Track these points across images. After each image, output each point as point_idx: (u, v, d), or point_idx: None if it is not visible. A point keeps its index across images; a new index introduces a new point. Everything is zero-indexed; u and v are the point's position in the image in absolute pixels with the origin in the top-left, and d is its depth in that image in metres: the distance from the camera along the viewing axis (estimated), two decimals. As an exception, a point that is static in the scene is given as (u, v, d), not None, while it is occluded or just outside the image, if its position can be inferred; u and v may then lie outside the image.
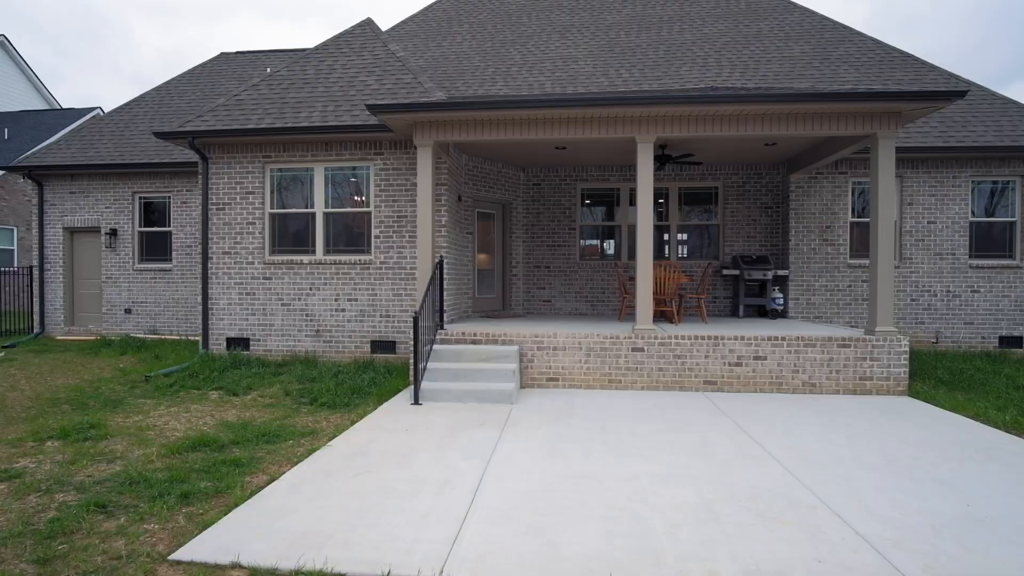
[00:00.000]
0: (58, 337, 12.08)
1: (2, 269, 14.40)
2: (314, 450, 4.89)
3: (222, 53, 15.06)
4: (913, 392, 7.19)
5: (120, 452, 4.83)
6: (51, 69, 73.12)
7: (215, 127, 8.87)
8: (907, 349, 7.17)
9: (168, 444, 5.02)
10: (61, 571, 2.92)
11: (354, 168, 9.05)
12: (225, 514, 3.58)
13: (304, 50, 14.84)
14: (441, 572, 2.90)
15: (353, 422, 5.80)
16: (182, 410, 6.31)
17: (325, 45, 10.39)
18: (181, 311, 11.71)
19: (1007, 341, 10.08)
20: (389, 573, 2.89)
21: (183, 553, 3.10)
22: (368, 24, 10.92)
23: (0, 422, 5.84)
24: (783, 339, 7.30)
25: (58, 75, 75.54)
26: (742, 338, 7.34)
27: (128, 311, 11.85)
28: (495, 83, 11.79)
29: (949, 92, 6.78)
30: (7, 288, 14.66)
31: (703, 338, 7.38)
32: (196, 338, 11.33)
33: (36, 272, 12.22)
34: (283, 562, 2.99)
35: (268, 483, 4.13)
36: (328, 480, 4.19)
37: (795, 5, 13.57)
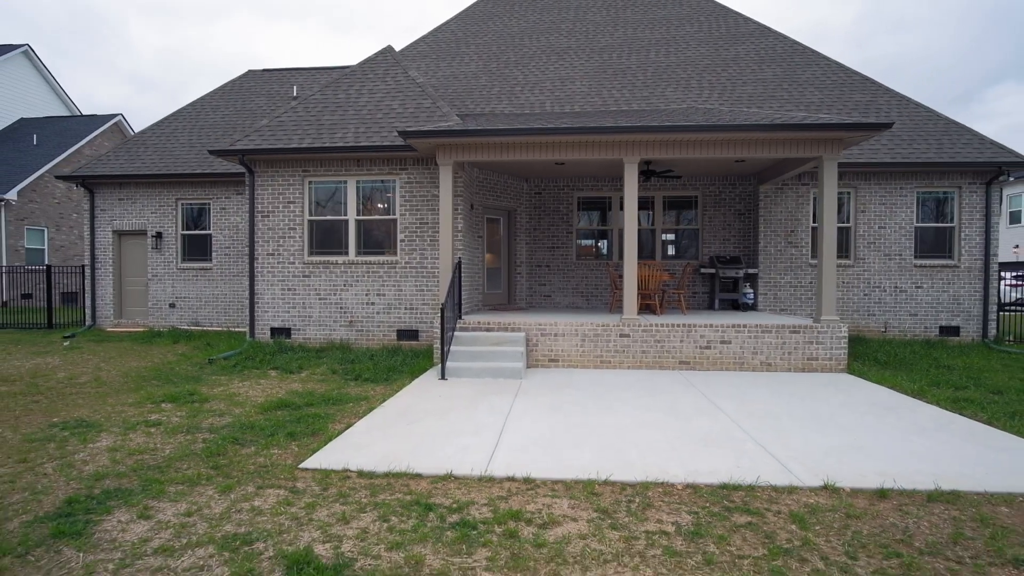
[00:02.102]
0: (108, 329, 13.46)
1: (56, 268, 15.70)
2: (371, 409, 6.34)
3: (249, 71, 16.43)
4: (851, 370, 8.70)
5: (223, 410, 6.27)
6: (50, 69, 73.77)
7: (261, 146, 10.28)
8: (846, 335, 8.67)
9: (257, 405, 6.47)
10: (232, 472, 4.37)
11: (382, 181, 10.49)
12: (324, 444, 5.04)
13: (324, 68, 16.26)
14: (485, 470, 4.37)
15: (395, 392, 7.25)
16: (253, 383, 7.74)
17: (352, 71, 11.80)
18: (220, 305, 13.12)
19: (946, 330, 11.61)
20: (451, 472, 4.35)
21: (307, 464, 4.55)
22: (388, 51, 12.33)
23: (111, 392, 7.26)
24: (745, 327, 8.80)
25: (56, 75, 76.19)
26: (711, 326, 8.83)
27: (172, 305, 13.25)
28: (500, 101, 13.23)
29: (878, 124, 8.27)
30: (60, 285, 15.91)
31: (679, 326, 8.86)
32: (237, 329, 12.76)
33: (88, 270, 13.59)
34: (377, 468, 4.45)
35: (345, 428, 5.58)
36: (389, 427, 5.65)
37: (770, 30, 15.05)
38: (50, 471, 4.38)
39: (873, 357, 9.61)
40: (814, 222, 11.80)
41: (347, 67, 16.67)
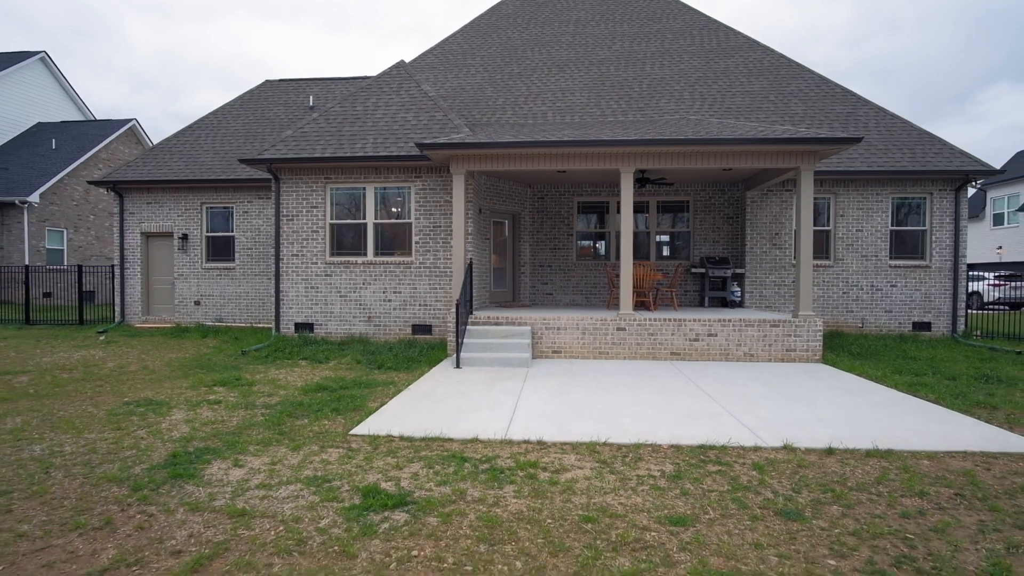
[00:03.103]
0: (136, 325, 14.33)
1: (88, 268, 16.53)
2: (399, 391, 7.24)
3: (267, 81, 17.31)
4: (826, 360, 9.62)
5: (270, 392, 7.17)
6: (62, 72, 74.35)
7: (287, 155, 11.17)
8: (821, 328, 9.60)
9: (298, 388, 7.37)
10: (295, 437, 5.26)
11: (399, 188, 11.39)
12: (366, 417, 5.94)
13: (338, 79, 17.16)
14: (504, 435, 5.28)
15: (417, 378, 8.15)
16: (288, 371, 8.64)
17: (368, 85, 12.70)
18: (243, 303, 14.00)
19: (918, 326, 12.56)
20: (476, 436, 5.26)
21: (356, 431, 5.45)
22: (401, 66, 13.23)
23: (163, 378, 8.14)
24: (730, 321, 9.72)
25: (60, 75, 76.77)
26: (700, 321, 9.75)
27: (197, 303, 14.12)
28: (505, 112, 14.14)
29: (848, 139, 9.20)
30: (89, 283, 16.66)
31: (670, 321, 9.78)
32: (259, 325, 13.64)
33: (117, 270, 14.45)
34: (415, 434, 5.36)
35: (380, 406, 6.47)
36: (418, 405, 6.55)
37: (758, 44, 15.98)
38: (144, 436, 5.27)
39: (848, 350, 10.54)
40: (797, 225, 12.71)
41: (357, 78, 17.58)
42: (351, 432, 5.41)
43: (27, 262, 20.50)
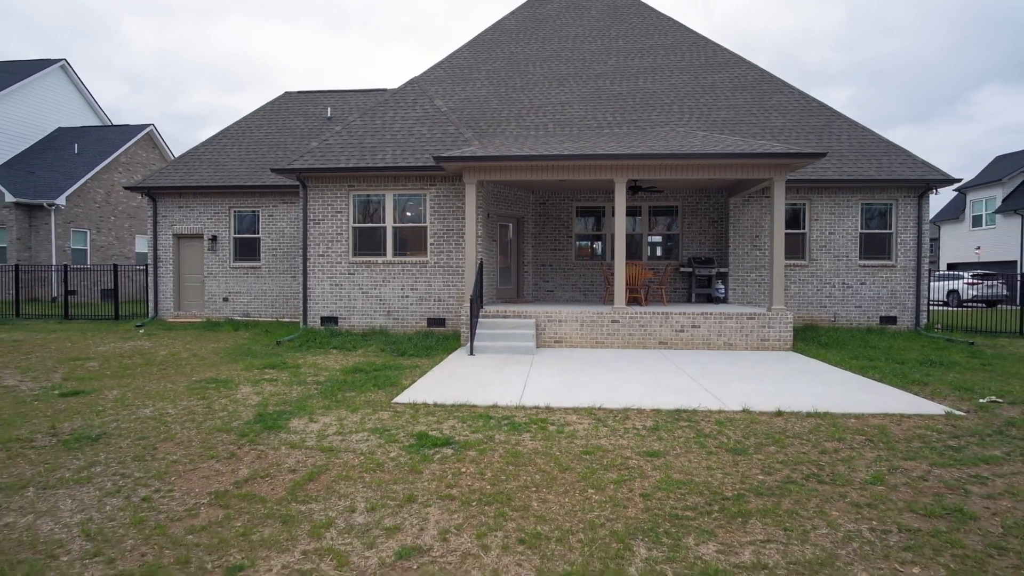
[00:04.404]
0: (168, 319, 15.51)
1: (122, 267, 17.69)
2: (424, 373, 8.47)
3: (286, 93, 18.51)
4: (796, 349, 10.89)
5: (315, 373, 8.39)
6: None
7: (314, 165, 12.39)
8: (791, 321, 10.87)
9: (338, 370, 8.60)
10: (349, 404, 6.49)
11: (415, 195, 12.62)
12: (402, 391, 7.17)
13: (353, 91, 18.37)
14: (519, 401, 6.52)
15: (437, 362, 9.37)
16: (324, 357, 9.86)
17: (386, 100, 13.92)
18: (268, 299, 15.21)
19: (885, 319, 13.85)
20: (496, 403, 6.50)
21: (398, 400, 6.68)
22: (415, 82, 14.45)
23: (216, 363, 9.36)
24: (711, 314, 10.98)
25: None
26: (685, 314, 11.01)
27: (226, 299, 15.32)
28: (509, 123, 15.37)
29: (814, 154, 10.47)
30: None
31: (659, 314, 11.04)
32: (284, 320, 14.86)
33: (151, 268, 15.64)
34: (446, 402, 6.59)
35: (412, 383, 7.70)
36: (443, 382, 7.79)
37: (743, 60, 17.25)
38: (227, 403, 6.50)
39: (817, 340, 11.82)
40: (771, 229, 13.98)
41: (370, 90, 18.80)
42: (394, 400, 6.64)
43: (54, 262, 21.66)
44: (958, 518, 3.66)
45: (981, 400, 6.82)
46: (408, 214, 12.76)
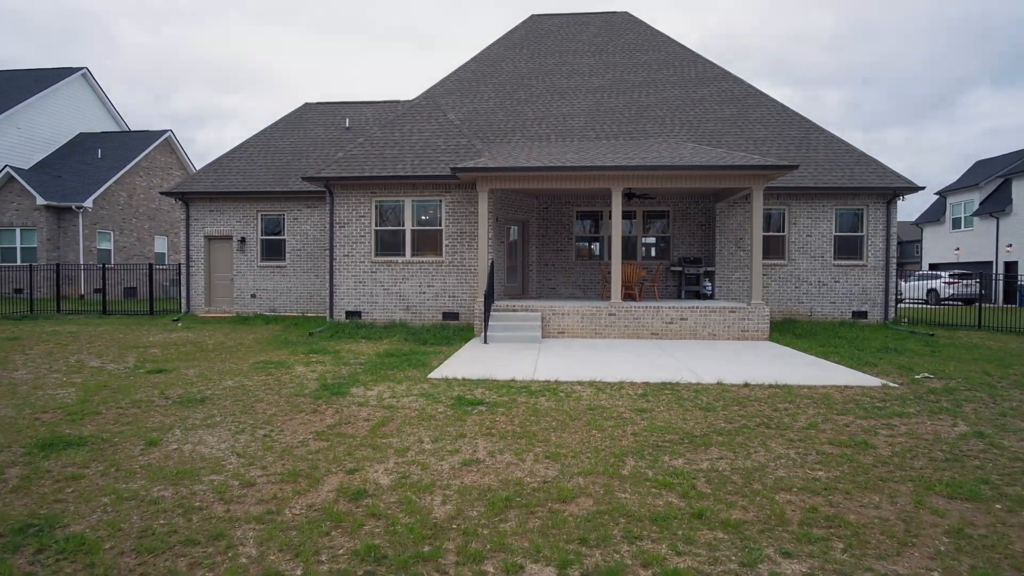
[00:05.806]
0: (200, 315, 16.81)
1: (157, 266, 18.97)
2: (447, 357, 9.81)
3: (306, 104, 19.83)
4: (772, 339, 12.28)
5: (354, 357, 9.72)
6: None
7: (341, 174, 13.72)
8: (768, 314, 12.26)
9: (373, 354, 9.93)
10: (392, 379, 7.82)
11: (432, 200, 13.96)
12: (433, 370, 8.51)
13: (368, 103, 19.70)
14: (532, 377, 7.89)
15: (456, 349, 10.71)
16: (356, 345, 11.19)
17: (402, 114, 15.27)
18: (293, 296, 16.52)
19: (857, 314, 15.26)
20: (513, 378, 7.86)
21: (432, 375, 8.03)
22: (428, 96, 15.80)
23: (263, 350, 10.67)
24: (697, 308, 12.36)
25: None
26: (674, 308, 12.38)
27: (253, 296, 16.63)
28: (515, 134, 16.73)
29: (788, 165, 11.86)
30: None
31: (651, 308, 12.41)
32: (309, 315, 16.18)
33: (183, 267, 16.93)
34: (471, 377, 7.94)
35: (440, 363, 9.04)
36: (465, 364, 9.13)
37: (730, 75, 18.65)
38: (290, 378, 7.83)
39: (793, 331, 13.21)
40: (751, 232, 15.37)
41: (385, 102, 20.12)
42: (429, 376, 7.99)
43: (81, 261, 22.91)
44: (863, 447, 5.04)
45: (916, 376, 8.21)
46: (424, 218, 14.10)
